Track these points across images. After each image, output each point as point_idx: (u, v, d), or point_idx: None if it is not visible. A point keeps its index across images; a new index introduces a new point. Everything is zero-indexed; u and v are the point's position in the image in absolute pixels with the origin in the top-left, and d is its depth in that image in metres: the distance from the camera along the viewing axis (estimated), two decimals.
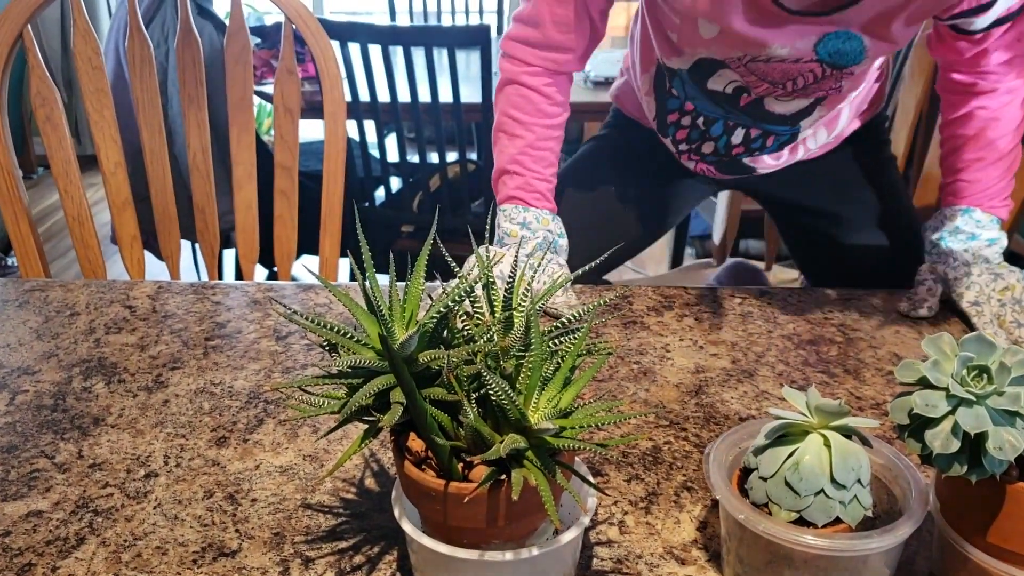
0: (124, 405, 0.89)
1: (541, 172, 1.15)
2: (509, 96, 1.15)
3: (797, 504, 0.60)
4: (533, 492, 0.55)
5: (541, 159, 1.15)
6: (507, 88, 1.16)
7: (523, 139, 1.14)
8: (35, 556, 0.69)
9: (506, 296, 0.60)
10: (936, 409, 0.56)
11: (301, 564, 0.68)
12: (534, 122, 1.14)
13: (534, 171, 1.14)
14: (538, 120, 1.15)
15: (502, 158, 1.16)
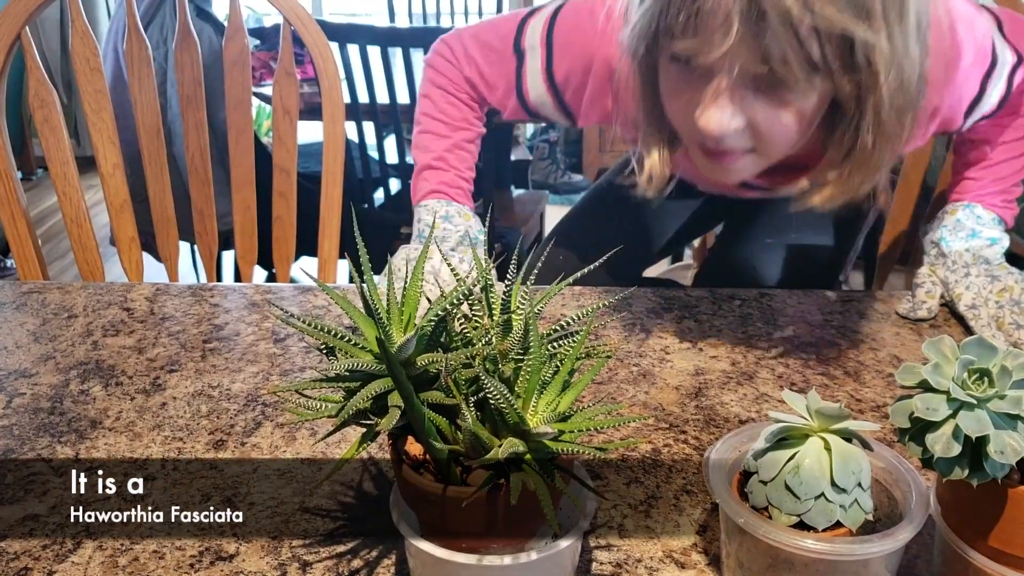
0: (122, 408, 0.89)
1: (464, 171, 1.15)
2: (437, 101, 1.15)
3: (797, 508, 0.59)
4: (532, 496, 0.55)
5: (464, 160, 1.15)
6: (435, 92, 1.15)
7: (450, 139, 1.14)
8: (31, 560, 0.69)
9: (504, 299, 0.60)
10: (937, 413, 0.56)
11: (299, 568, 0.68)
12: (461, 127, 1.15)
13: (458, 168, 1.14)
14: (464, 126, 1.15)
15: (426, 156, 1.17)
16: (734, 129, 0.78)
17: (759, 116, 0.78)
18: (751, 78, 0.76)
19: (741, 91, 0.77)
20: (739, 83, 0.76)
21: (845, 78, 0.75)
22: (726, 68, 0.75)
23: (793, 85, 0.75)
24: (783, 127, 0.79)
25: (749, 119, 0.78)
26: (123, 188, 1.40)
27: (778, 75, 0.74)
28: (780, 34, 0.70)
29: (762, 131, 0.79)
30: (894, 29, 0.74)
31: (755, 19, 0.70)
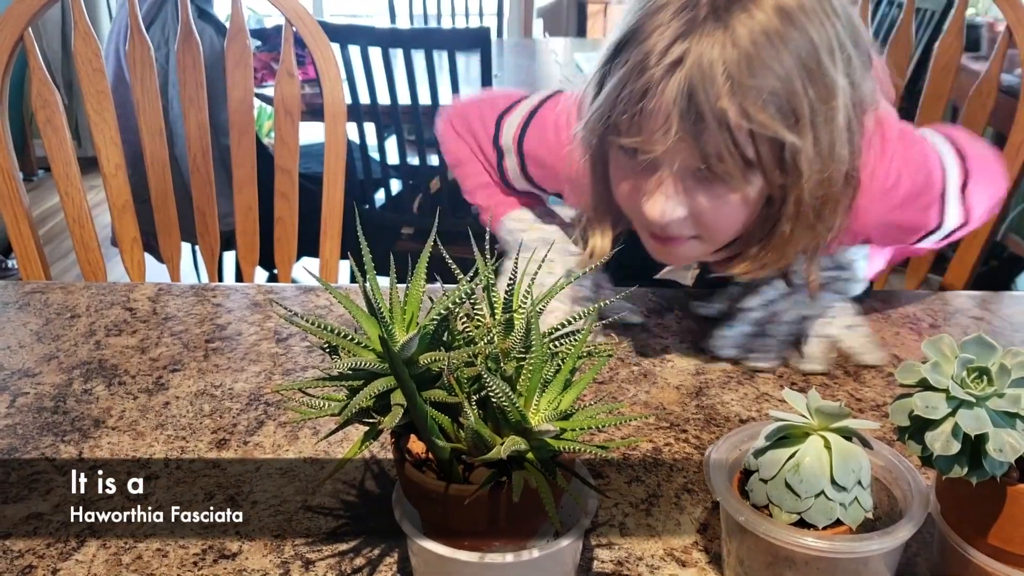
0: (125, 407, 0.89)
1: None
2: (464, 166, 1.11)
3: (798, 506, 0.60)
4: (533, 494, 0.55)
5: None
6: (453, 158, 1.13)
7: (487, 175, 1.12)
8: (36, 558, 0.69)
9: (506, 298, 0.60)
10: (936, 411, 0.56)
11: (301, 566, 0.68)
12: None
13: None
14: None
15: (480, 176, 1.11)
16: (677, 218, 0.82)
17: (701, 206, 0.82)
18: (692, 171, 0.80)
19: (683, 182, 0.81)
20: (681, 175, 0.80)
21: (776, 173, 0.79)
22: (668, 162, 0.79)
23: (730, 180, 0.79)
24: (725, 216, 0.83)
25: (691, 208, 0.82)
26: (125, 189, 1.41)
27: (715, 170, 0.78)
28: (717, 135, 0.75)
29: (705, 220, 0.83)
30: (820, 132, 0.78)
31: (693, 121, 0.74)
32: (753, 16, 0.74)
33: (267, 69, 2.76)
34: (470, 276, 0.60)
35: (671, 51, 0.75)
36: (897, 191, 0.92)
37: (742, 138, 0.76)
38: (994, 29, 3.09)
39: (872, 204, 0.90)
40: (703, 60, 0.74)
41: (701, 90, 0.74)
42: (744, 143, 0.76)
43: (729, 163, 0.77)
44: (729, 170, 0.77)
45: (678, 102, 0.74)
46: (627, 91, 0.77)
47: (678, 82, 0.74)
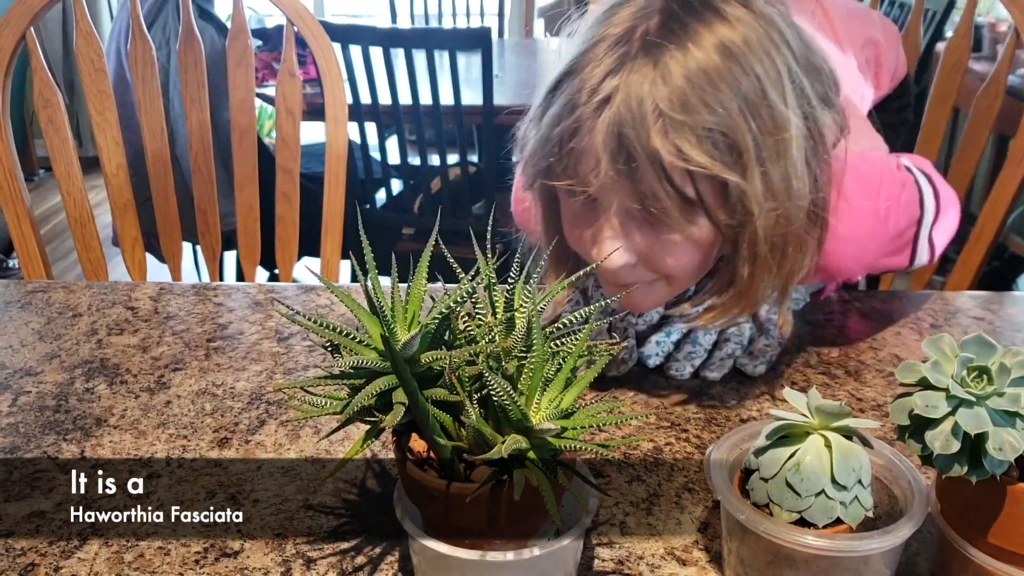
0: (126, 406, 0.90)
1: None
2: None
3: (798, 505, 0.60)
4: (534, 492, 0.56)
5: None
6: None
7: None
8: (38, 556, 0.69)
9: (508, 297, 0.60)
10: (936, 410, 0.57)
11: (303, 564, 0.68)
12: None
13: None
14: None
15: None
16: (624, 264, 0.78)
17: (650, 249, 0.77)
18: (633, 213, 0.76)
19: (626, 225, 0.77)
20: (623, 218, 0.76)
21: (721, 212, 0.75)
22: (606, 204, 0.76)
23: (670, 221, 0.75)
24: (676, 258, 0.78)
25: (639, 252, 0.78)
26: (127, 188, 1.41)
27: (654, 212, 0.74)
28: (651, 175, 0.71)
29: (657, 263, 0.79)
30: (769, 167, 0.73)
31: (625, 160, 0.71)
32: (689, 53, 0.71)
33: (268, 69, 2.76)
34: (471, 275, 0.60)
35: (601, 88, 0.72)
36: (886, 231, 0.90)
37: (678, 177, 0.72)
38: (995, 29, 3.09)
39: (862, 246, 0.88)
40: (631, 97, 0.70)
41: (630, 128, 0.70)
42: (681, 183, 0.72)
43: (667, 204, 0.73)
44: (668, 211, 0.73)
45: (607, 142, 0.71)
46: (559, 130, 0.74)
47: (607, 120, 0.71)
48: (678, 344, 0.95)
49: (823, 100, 0.77)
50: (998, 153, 3.52)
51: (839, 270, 0.91)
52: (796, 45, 0.76)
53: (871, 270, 0.97)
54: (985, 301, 1.13)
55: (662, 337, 0.96)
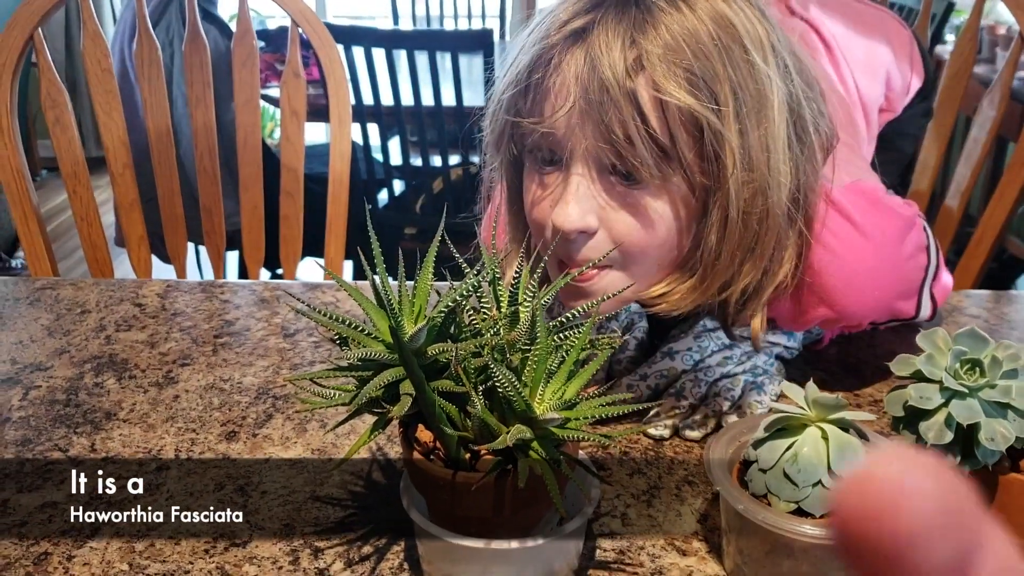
0: (135, 400, 0.91)
1: None
2: None
3: (795, 495, 0.61)
4: (539, 481, 0.57)
5: None
6: None
7: None
8: (51, 545, 0.71)
9: (512, 292, 0.62)
10: (930, 401, 0.58)
11: (311, 554, 0.70)
12: None
13: None
14: None
15: None
16: (583, 225, 0.72)
17: (615, 215, 0.73)
18: (604, 174, 0.72)
19: (592, 187, 0.72)
20: (589, 177, 0.72)
21: (695, 169, 0.71)
22: (575, 155, 0.71)
23: (646, 177, 0.70)
24: (642, 231, 0.73)
25: (604, 222, 0.73)
26: (133, 187, 1.42)
27: (627, 160, 0.69)
28: (624, 111, 0.67)
29: (619, 233, 0.73)
30: (747, 125, 0.70)
31: (597, 96, 0.68)
32: (675, 5, 0.69)
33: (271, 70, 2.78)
34: (476, 270, 0.61)
35: (577, 20, 0.69)
36: (897, 265, 0.85)
37: (655, 121, 0.68)
38: (995, 32, 3.11)
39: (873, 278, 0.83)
40: (609, 31, 0.68)
41: (606, 61, 0.67)
42: (657, 126, 0.68)
43: (640, 149, 0.68)
44: (641, 157, 0.68)
45: (580, 75, 0.68)
46: (528, 58, 0.71)
47: (582, 53, 0.68)
48: (658, 393, 0.89)
49: (808, 96, 0.75)
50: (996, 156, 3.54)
51: (847, 307, 0.84)
52: (783, 40, 0.74)
53: (881, 311, 0.88)
54: (982, 300, 1.15)
55: (635, 380, 0.90)
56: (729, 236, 0.73)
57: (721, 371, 0.89)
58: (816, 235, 0.80)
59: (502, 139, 0.77)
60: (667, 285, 0.78)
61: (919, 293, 0.89)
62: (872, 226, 0.82)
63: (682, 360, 0.90)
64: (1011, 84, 1.34)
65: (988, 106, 1.35)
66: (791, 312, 0.86)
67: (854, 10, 1.12)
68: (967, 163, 1.38)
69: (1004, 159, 3.53)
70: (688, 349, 0.90)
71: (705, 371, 0.89)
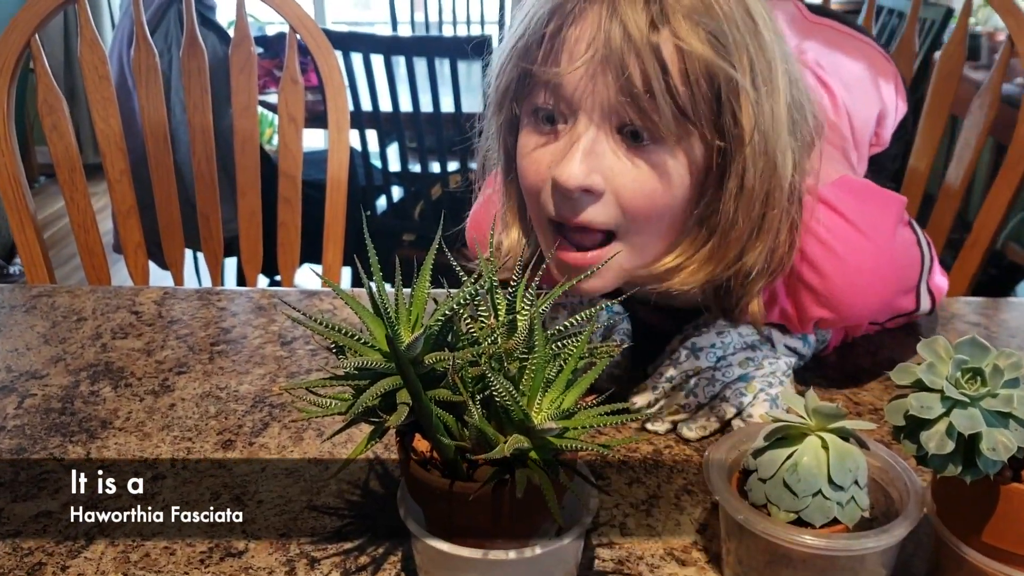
0: (131, 409, 0.91)
1: None
2: None
3: (795, 505, 0.61)
4: (536, 491, 0.57)
5: None
6: None
7: None
8: (45, 555, 0.70)
9: (510, 300, 0.62)
10: (931, 411, 0.58)
11: (307, 564, 0.69)
12: None
13: None
14: None
15: None
16: (587, 183, 0.70)
17: (623, 180, 0.71)
18: (614, 131, 0.71)
19: (601, 144, 0.71)
20: (599, 133, 0.71)
21: (712, 131, 0.70)
22: (586, 110, 0.70)
23: (663, 133, 0.69)
24: (648, 196, 0.71)
25: (609, 181, 0.71)
26: (130, 194, 1.42)
27: (646, 114, 0.68)
28: (646, 68, 0.67)
29: (625, 197, 0.71)
30: (762, 96, 0.70)
31: (618, 39, 0.67)
32: None
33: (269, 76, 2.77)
34: (474, 279, 0.61)
35: None
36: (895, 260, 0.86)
37: (676, 73, 0.67)
38: (994, 39, 3.11)
39: (872, 276, 0.83)
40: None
41: (629, 11, 0.67)
42: (678, 79, 0.67)
43: (661, 102, 0.67)
44: (661, 111, 0.67)
45: (603, 24, 0.67)
46: (547, 11, 0.70)
47: (604, 3, 0.68)
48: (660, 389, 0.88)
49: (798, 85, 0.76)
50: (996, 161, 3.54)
51: (850, 307, 0.84)
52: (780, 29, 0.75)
53: (883, 309, 0.90)
54: (981, 307, 1.14)
55: (660, 383, 0.88)
56: (745, 204, 0.73)
57: (740, 372, 0.87)
58: (806, 224, 0.80)
59: (506, 97, 0.76)
60: (677, 258, 0.77)
61: (917, 287, 0.89)
62: (867, 225, 0.82)
63: (706, 357, 0.87)
64: (1001, 87, 1.34)
65: (978, 109, 1.36)
66: (791, 315, 0.87)
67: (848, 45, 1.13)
68: (958, 166, 1.38)
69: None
70: (711, 345, 0.88)
71: (724, 370, 0.87)
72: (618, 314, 0.95)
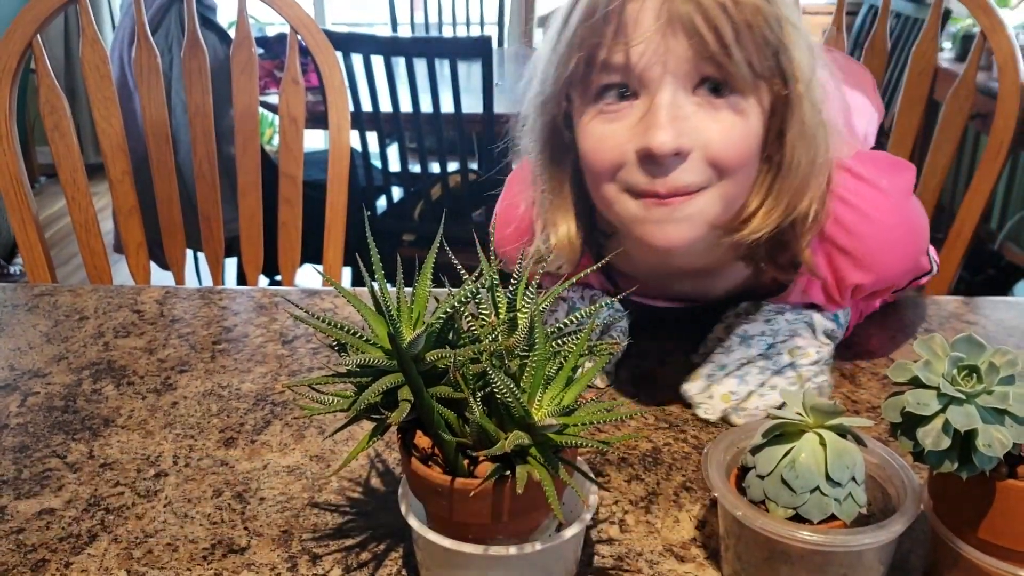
0: (133, 407, 0.91)
1: None
2: None
3: (793, 501, 0.61)
4: (537, 487, 0.57)
5: None
6: None
7: None
8: (48, 552, 0.71)
9: (510, 298, 0.62)
10: (927, 407, 0.58)
11: (309, 560, 0.70)
12: None
13: None
14: None
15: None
16: (679, 147, 0.72)
17: (710, 131, 0.74)
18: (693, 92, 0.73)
19: (681, 108, 0.73)
20: (684, 99, 0.73)
21: (776, 80, 0.74)
22: (664, 75, 0.72)
23: (740, 84, 0.72)
24: (735, 144, 0.74)
25: (696, 139, 0.73)
26: (131, 194, 1.43)
27: (724, 67, 0.71)
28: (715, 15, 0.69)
29: (714, 150, 0.74)
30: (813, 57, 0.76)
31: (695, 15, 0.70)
32: None
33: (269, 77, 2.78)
34: (475, 277, 0.62)
35: None
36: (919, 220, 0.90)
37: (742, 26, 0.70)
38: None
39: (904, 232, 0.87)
40: None
41: None
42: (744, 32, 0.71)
43: (735, 54, 0.71)
44: (737, 62, 0.71)
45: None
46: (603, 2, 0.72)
47: None
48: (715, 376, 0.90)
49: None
50: None
51: (885, 267, 0.88)
52: None
53: (912, 267, 0.93)
54: (978, 306, 1.15)
55: (715, 371, 0.89)
56: (806, 146, 0.77)
57: (789, 360, 0.89)
58: (832, 191, 0.84)
59: (562, 90, 0.77)
60: (751, 205, 0.79)
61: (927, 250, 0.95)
62: (888, 186, 0.87)
63: (757, 345, 0.90)
64: (975, 79, 1.38)
65: (954, 103, 1.39)
66: (830, 284, 0.89)
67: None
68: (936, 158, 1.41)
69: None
70: (761, 333, 0.90)
71: (775, 358, 0.89)
72: (618, 312, 0.96)
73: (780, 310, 0.92)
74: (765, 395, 0.87)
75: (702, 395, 0.89)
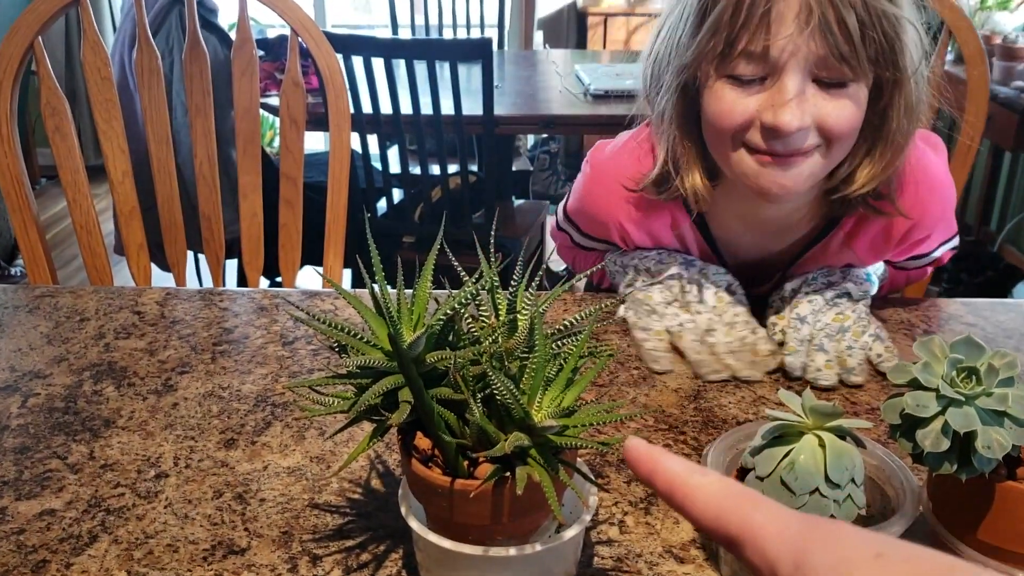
0: (134, 408, 0.91)
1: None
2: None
3: (793, 503, 0.61)
4: (537, 488, 0.57)
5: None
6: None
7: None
8: (49, 553, 0.71)
9: (510, 300, 0.62)
10: (927, 409, 0.58)
11: (309, 561, 0.70)
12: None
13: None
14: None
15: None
16: (803, 124, 0.85)
17: (825, 111, 0.85)
18: (813, 77, 0.84)
19: (806, 90, 0.85)
20: (803, 81, 0.84)
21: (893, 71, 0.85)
22: (791, 66, 0.83)
23: (858, 74, 0.84)
24: (847, 119, 0.86)
25: (815, 116, 0.86)
26: (132, 196, 1.43)
27: (846, 62, 0.82)
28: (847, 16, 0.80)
29: (829, 125, 0.86)
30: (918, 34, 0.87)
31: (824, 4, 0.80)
32: None
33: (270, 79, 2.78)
34: (475, 279, 0.62)
35: None
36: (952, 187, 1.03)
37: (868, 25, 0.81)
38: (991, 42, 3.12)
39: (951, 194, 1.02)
40: None
41: None
42: (870, 31, 0.81)
43: (860, 51, 0.82)
44: (859, 58, 0.82)
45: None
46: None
47: None
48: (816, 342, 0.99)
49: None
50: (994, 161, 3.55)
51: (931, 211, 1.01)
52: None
53: (951, 218, 1.07)
54: (978, 308, 1.15)
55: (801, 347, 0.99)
56: (909, 116, 0.90)
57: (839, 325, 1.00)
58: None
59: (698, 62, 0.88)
60: (850, 167, 0.93)
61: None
62: (931, 143, 1.03)
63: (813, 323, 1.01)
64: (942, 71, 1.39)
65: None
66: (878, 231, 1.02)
67: None
68: None
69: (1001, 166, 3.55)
70: (812, 312, 1.02)
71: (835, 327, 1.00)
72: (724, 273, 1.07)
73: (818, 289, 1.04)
74: (842, 358, 0.97)
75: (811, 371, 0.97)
